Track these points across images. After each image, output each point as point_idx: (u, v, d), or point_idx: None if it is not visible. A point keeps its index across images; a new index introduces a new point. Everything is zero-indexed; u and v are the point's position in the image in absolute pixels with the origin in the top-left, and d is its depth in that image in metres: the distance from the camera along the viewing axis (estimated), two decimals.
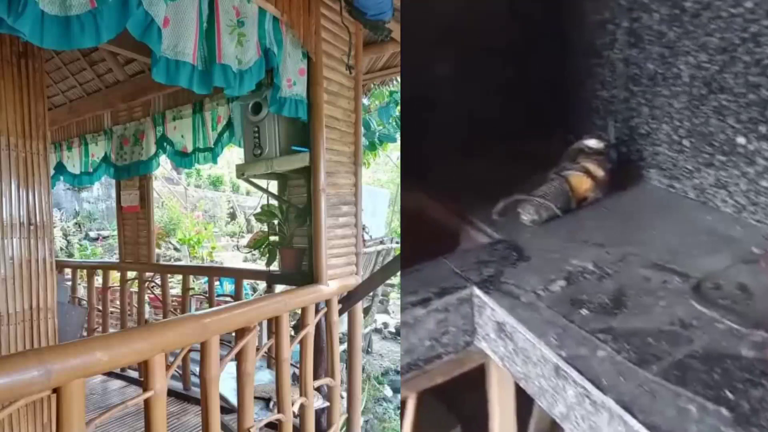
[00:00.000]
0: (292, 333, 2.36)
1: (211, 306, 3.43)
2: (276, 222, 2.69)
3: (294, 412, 2.13)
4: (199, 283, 6.34)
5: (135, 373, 3.69)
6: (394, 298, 9.04)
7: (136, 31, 1.47)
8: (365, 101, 5.55)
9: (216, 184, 14.02)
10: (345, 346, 2.86)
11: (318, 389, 2.44)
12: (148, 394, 1.36)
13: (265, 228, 2.81)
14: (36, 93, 2.33)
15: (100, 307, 4.12)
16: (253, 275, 4.46)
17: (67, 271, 4.65)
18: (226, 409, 2.11)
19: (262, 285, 6.34)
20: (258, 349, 1.87)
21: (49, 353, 1.11)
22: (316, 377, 2.39)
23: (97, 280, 4.18)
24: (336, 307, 2.52)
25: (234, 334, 1.82)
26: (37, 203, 2.35)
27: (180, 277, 3.81)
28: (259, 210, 2.79)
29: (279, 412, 2.04)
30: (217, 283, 4.63)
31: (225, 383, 1.84)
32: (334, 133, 2.52)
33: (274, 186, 2.85)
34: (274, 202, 2.75)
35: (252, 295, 7.31)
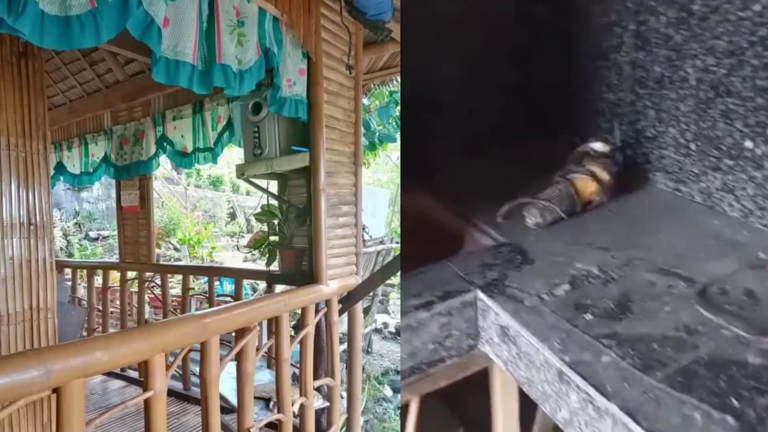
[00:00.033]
0: (292, 333, 2.36)
1: (211, 306, 3.43)
2: (276, 222, 2.69)
3: (294, 412, 2.13)
4: (199, 283, 6.34)
5: (135, 373, 3.69)
6: (394, 298, 9.04)
7: (136, 31, 1.47)
8: (365, 101, 5.55)
9: (216, 184, 14.02)
10: (345, 346, 2.86)
11: (318, 389, 2.44)
12: (148, 394, 1.36)
13: (265, 228, 2.81)
14: (36, 93, 2.33)
15: (100, 307, 4.12)
16: (253, 275, 4.46)
17: (67, 271, 4.65)
18: (226, 409, 2.11)
19: (262, 285, 6.34)
20: (258, 349, 1.87)
21: (49, 353, 1.11)
22: (316, 377, 2.39)
23: (97, 280, 4.18)
24: (336, 307, 2.52)
25: (234, 334, 1.82)
26: (37, 203, 2.35)
27: (180, 277, 3.81)
28: (259, 210, 2.78)
29: (279, 412, 2.04)
30: (217, 283, 4.63)
31: (225, 383, 1.84)
32: (334, 133, 2.52)
33: (274, 186, 2.85)
34: (274, 202, 2.75)
35: (252, 295, 7.30)
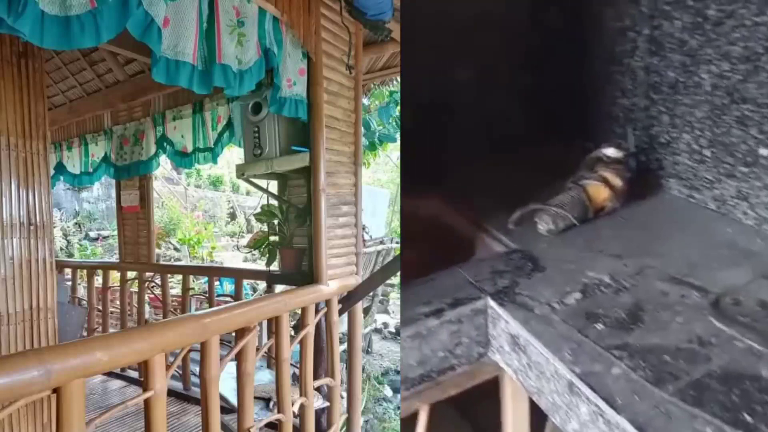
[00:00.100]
0: (292, 333, 2.36)
1: (211, 306, 3.43)
2: (276, 222, 2.69)
3: (294, 412, 2.13)
4: (199, 283, 6.34)
5: (135, 373, 3.69)
6: (394, 298, 9.04)
7: (136, 31, 1.47)
8: (365, 101, 5.55)
9: (216, 184, 14.02)
10: (345, 346, 2.86)
11: (318, 389, 2.44)
12: (148, 394, 1.36)
13: (265, 228, 2.81)
14: (36, 93, 2.32)
15: (100, 307, 4.12)
16: (253, 275, 4.46)
17: (67, 271, 4.65)
18: (226, 409, 2.11)
19: (262, 285, 6.34)
20: (258, 349, 1.87)
21: (49, 353, 1.11)
22: (316, 377, 2.39)
23: (97, 280, 4.18)
24: (336, 307, 2.52)
25: (234, 334, 1.82)
26: (37, 203, 2.34)
27: (180, 277, 3.81)
28: (259, 210, 2.78)
29: (279, 412, 2.04)
30: (217, 283, 4.63)
31: (225, 383, 1.83)
32: (334, 133, 2.52)
33: (274, 186, 2.85)
34: (274, 202, 2.75)
35: (252, 295, 7.30)
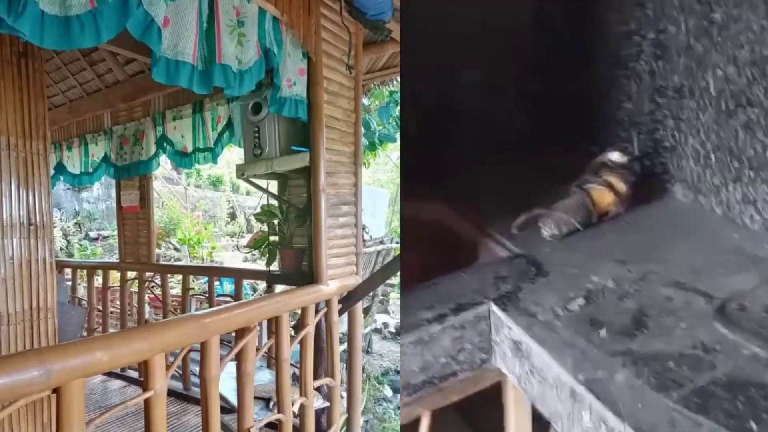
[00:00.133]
0: (292, 333, 2.36)
1: (211, 306, 3.43)
2: (276, 222, 2.69)
3: (294, 412, 2.13)
4: (199, 283, 6.34)
5: (135, 373, 3.68)
6: (394, 298, 9.04)
7: (136, 31, 1.47)
8: (365, 101, 5.55)
9: (216, 184, 14.02)
10: (345, 346, 2.86)
11: (318, 389, 2.44)
12: (148, 394, 1.36)
13: (265, 228, 2.81)
14: (36, 93, 2.32)
15: (100, 307, 4.12)
16: (253, 275, 4.46)
17: (67, 271, 4.65)
18: (226, 409, 2.11)
19: (262, 285, 6.34)
20: (258, 349, 1.87)
21: (49, 353, 1.11)
22: (316, 377, 2.39)
23: (97, 280, 4.18)
24: (336, 307, 2.52)
25: (234, 334, 1.82)
26: (37, 203, 2.34)
27: (180, 277, 3.81)
28: (259, 210, 2.78)
29: (279, 412, 2.04)
30: (217, 283, 4.63)
31: (225, 383, 1.83)
32: (334, 133, 2.52)
33: (274, 186, 2.85)
34: (274, 202, 2.75)
35: (252, 295, 7.30)
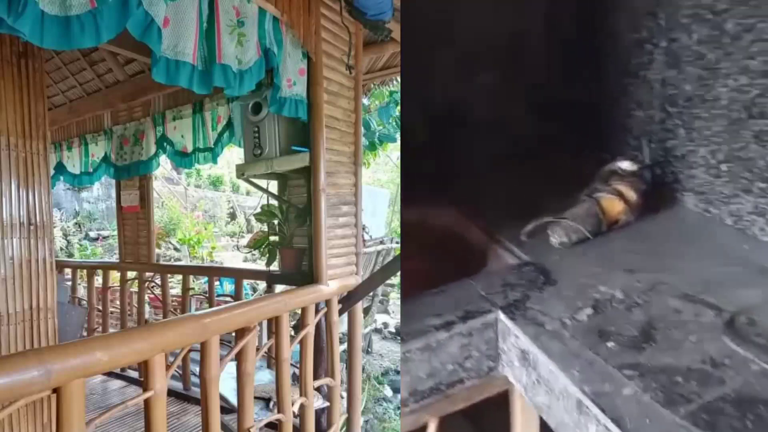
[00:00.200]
0: (292, 333, 2.36)
1: (211, 306, 3.43)
2: (276, 222, 2.69)
3: (294, 412, 2.13)
4: (199, 283, 6.34)
5: (135, 373, 3.69)
6: (394, 298, 9.04)
7: (136, 31, 1.47)
8: (365, 101, 5.55)
9: (216, 184, 14.02)
10: (345, 346, 2.86)
11: (318, 389, 2.44)
12: (148, 394, 1.36)
13: (265, 228, 2.81)
14: (36, 93, 2.32)
15: (100, 307, 4.12)
16: (253, 275, 4.46)
17: (67, 271, 4.65)
18: (226, 409, 2.11)
19: (262, 285, 6.34)
20: (258, 349, 1.87)
21: (49, 353, 1.11)
22: (316, 377, 2.39)
23: (97, 280, 4.18)
24: (336, 307, 2.52)
25: (234, 334, 1.82)
26: (37, 203, 2.34)
27: (180, 277, 3.81)
28: (259, 210, 2.78)
29: (279, 412, 2.04)
30: (217, 283, 4.63)
31: (225, 383, 1.83)
32: (334, 133, 2.52)
33: (274, 186, 2.85)
34: (274, 202, 2.75)
35: (252, 295, 7.30)
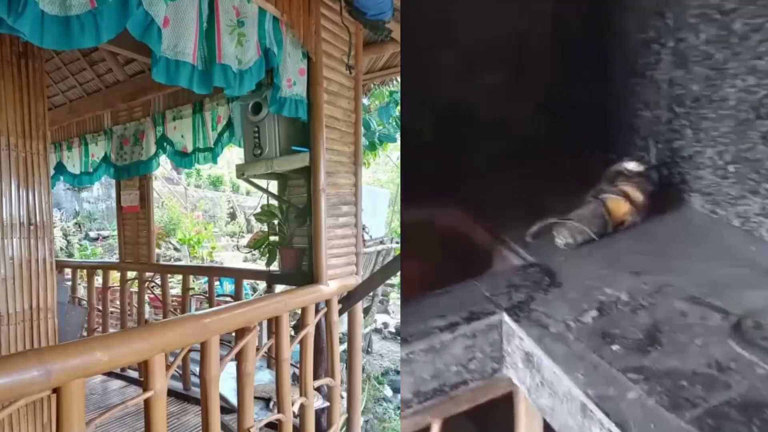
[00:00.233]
0: (292, 333, 2.36)
1: (211, 306, 3.43)
2: (276, 222, 2.69)
3: (294, 412, 2.13)
4: (199, 283, 6.34)
5: (135, 373, 3.69)
6: (394, 298, 9.04)
7: (136, 31, 1.47)
8: (365, 101, 5.55)
9: (216, 184, 14.02)
10: (345, 346, 2.86)
11: (318, 389, 2.44)
12: (148, 394, 1.36)
13: (265, 228, 2.81)
14: (36, 93, 2.32)
15: (100, 307, 4.12)
16: (253, 275, 4.46)
17: (67, 271, 4.65)
18: (226, 409, 2.11)
19: (262, 285, 6.34)
20: (258, 349, 1.87)
21: (49, 353, 1.11)
22: (316, 377, 2.39)
23: (97, 280, 4.18)
24: (336, 307, 2.52)
25: (234, 334, 1.82)
26: (37, 203, 2.34)
27: (180, 277, 3.81)
28: (259, 210, 2.78)
29: (279, 412, 2.04)
30: (217, 283, 4.63)
31: (225, 383, 1.83)
32: (334, 133, 2.52)
33: (274, 186, 2.85)
34: (274, 202, 2.75)
35: (252, 295, 7.30)
